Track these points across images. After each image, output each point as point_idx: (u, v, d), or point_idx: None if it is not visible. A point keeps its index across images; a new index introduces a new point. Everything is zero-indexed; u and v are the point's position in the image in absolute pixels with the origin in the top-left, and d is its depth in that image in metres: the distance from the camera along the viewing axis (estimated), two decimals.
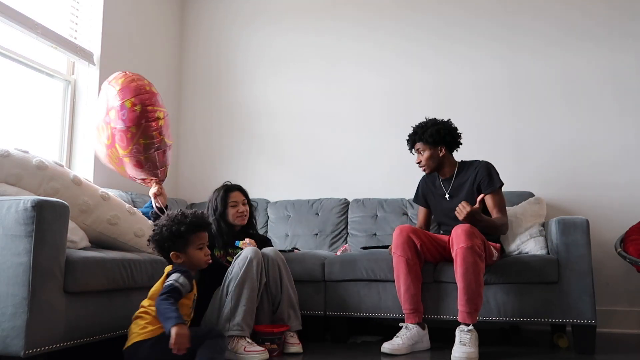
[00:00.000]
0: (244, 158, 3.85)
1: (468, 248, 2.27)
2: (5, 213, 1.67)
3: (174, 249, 1.89)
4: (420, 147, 2.72)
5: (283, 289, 2.48)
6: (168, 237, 1.88)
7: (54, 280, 1.71)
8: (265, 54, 3.93)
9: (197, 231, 1.92)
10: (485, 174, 2.61)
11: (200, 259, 1.93)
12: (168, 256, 1.91)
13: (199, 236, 1.93)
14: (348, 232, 3.35)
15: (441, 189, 2.77)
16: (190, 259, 1.90)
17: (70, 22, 3.16)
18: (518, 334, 2.99)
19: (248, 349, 2.17)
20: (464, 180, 2.68)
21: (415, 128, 2.75)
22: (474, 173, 2.65)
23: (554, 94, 3.36)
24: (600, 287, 3.03)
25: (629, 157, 3.19)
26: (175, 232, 1.87)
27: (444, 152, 2.70)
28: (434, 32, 3.60)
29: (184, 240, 1.89)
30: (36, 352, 1.63)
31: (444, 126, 2.69)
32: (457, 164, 2.75)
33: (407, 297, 2.44)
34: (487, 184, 2.59)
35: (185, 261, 1.90)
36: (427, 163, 2.71)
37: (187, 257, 1.90)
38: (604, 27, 3.31)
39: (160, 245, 1.90)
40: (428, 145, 2.69)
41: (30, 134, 2.95)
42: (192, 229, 1.90)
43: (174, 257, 1.89)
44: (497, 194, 2.58)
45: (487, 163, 2.67)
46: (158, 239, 1.89)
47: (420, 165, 2.74)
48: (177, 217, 1.90)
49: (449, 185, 2.73)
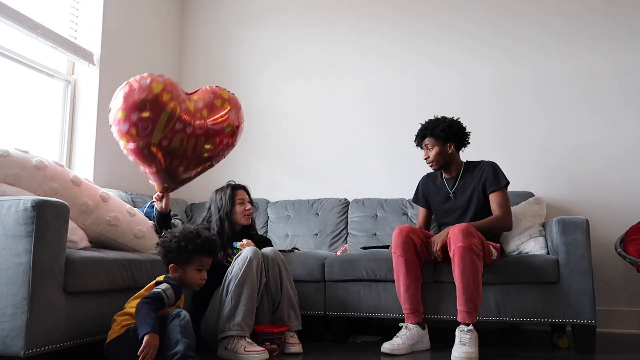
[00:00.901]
0: (244, 158, 3.85)
1: (465, 247, 2.27)
2: (5, 213, 1.67)
3: (175, 262, 1.94)
4: (429, 143, 2.71)
5: (283, 289, 2.48)
6: (174, 248, 1.93)
7: (54, 280, 1.71)
8: (265, 54, 3.93)
9: (203, 254, 1.97)
10: (491, 172, 2.62)
11: (195, 281, 1.97)
12: (167, 265, 1.96)
13: (202, 259, 1.98)
14: (348, 232, 3.35)
15: (444, 187, 2.76)
16: (185, 277, 1.95)
17: (70, 22, 3.16)
18: (518, 334, 2.99)
19: (248, 349, 2.17)
20: (470, 180, 2.68)
21: (426, 123, 2.74)
22: (480, 172, 2.65)
23: (554, 94, 3.35)
24: (600, 287, 3.03)
25: (629, 157, 3.18)
26: (183, 247, 1.93)
27: (453, 150, 2.70)
28: (433, 33, 3.60)
29: (187, 257, 1.94)
30: (36, 352, 1.64)
31: (455, 123, 2.70)
32: (463, 164, 2.75)
33: (406, 297, 2.44)
34: (492, 182, 2.60)
35: (180, 276, 1.95)
36: (436, 159, 2.70)
37: (184, 274, 1.95)
38: (606, 29, 3.31)
39: (165, 253, 1.96)
40: (438, 140, 2.68)
41: (30, 134, 2.95)
42: (199, 251, 1.95)
43: (172, 269, 1.94)
44: (500, 192, 2.59)
45: (493, 162, 2.68)
46: (166, 246, 1.95)
47: (428, 161, 2.72)
48: (190, 234, 1.96)
49: (454, 185, 2.73)
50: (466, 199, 2.67)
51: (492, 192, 2.60)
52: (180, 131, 2.13)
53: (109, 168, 3.23)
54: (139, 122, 2.05)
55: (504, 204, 2.57)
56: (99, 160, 3.16)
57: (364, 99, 3.68)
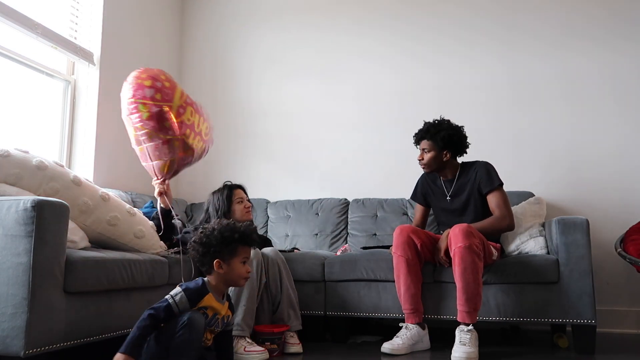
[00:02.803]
0: (244, 158, 3.85)
1: (466, 247, 2.27)
2: (5, 213, 1.67)
3: (220, 257, 1.77)
4: (426, 147, 2.68)
5: (283, 288, 2.48)
6: (219, 242, 1.77)
7: (54, 280, 1.70)
8: (265, 54, 3.93)
9: (247, 244, 1.82)
10: (484, 173, 2.61)
11: (242, 274, 1.80)
12: (209, 263, 1.78)
13: (246, 250, 1.83)
14: (348, 232, 3.35)
15: (442, 189, 2.76)
16: (231, 271, 1.78)
17: (70, 22, 3.16)
18: (518, 334, 2.99)
19: (248, 349, 2.17)
20: (465, 181, 2.68)
21: (429, 126, 2.70)
22: (474, 174, 2.65)
23: (554, 94, 3.36)
24: (600, 287, 3.03)
25: (629, 157, 3.19)
26: (228, 238, 1.77)
27: (449, 157, 2.69)
28: (435, 31, 3.60)
29: (232, 248, 1.78)
30: (36, 352, 1.63)
31: (456, 133, 2.67)
32: (459, 166, 2.75)
33: (407, 297, 2.45)
34: (485, 183, 2.60)
35: (225, 272, 1.78)
36: (429, 163, 2.69)
37: (229, 269, 1.78)
38: (604, 28, 3.31)
39: (206, 250, 1.77)
40: (436, 146, 2.66)
41: (30, 134, 2.95)
42: (244, 241, 1.80)
43: (216, 265, 1.76)
44: (497, 193, 2.58)
45: (486, 163, 2.67)
46: (206, 242, 1.78)
47: (422, 163, 2.72)
48: (230, 225, 1.81)
49: (451, 187, 2.72)
50: (463, 200, 2.67)
51: (488, 193, 2.59)
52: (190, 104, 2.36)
53: (109, 168, 3.23)
54: (163, 88, 2.25)
55: (502, 205, 2.56)
56: (99, 160, 3.16)
57: (364, 99, 3.68)
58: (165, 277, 2.27)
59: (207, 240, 1.78)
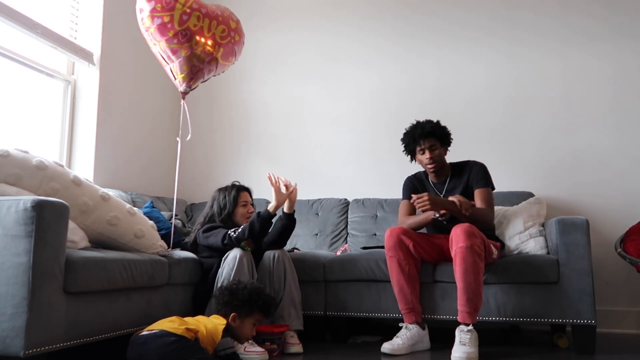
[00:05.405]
0: (245, 158, 3.85)
1: (467, 247, 2.27)
2: (5, 213, 1.67)
3: (237, 311, 2.01)
4: (435, 144, 2.62)
5: (285, 286, 2.49)
6: (245, 299, 2.00)
7: (54, 280, 1.70)
8: (265, 54, 3.93)
9: (262, 311, 2.05)
10: (480, 171, 2.62)
11: (248, 335, 2.05)
12: (227, 312, 2.00)
13: (260, 316, 2.07)
14: (348, 232, 3.35)
15: (433, 190, 2.72)
16: (241, 329, 2.01)
17: (70, 22, 3.16)
18: (518, 334, 2.99)
19: (248, 349, 2.17)
20: (459, 182, 2.66)
21: (434, 127, 2.64)
22: (468, 172, 2.65)
23: (554, 94, 3.36)
24: (600, 287, 3.02)
25: (629, 157, 3.18)
26: (253, 300, 2.01)
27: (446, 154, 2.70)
28: (434, 32, 3.60)
29: (250, 310, 2.01)
30: (36, 352, 1.63)
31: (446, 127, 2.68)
32: (450, 167, 2.73)
33: (401, 297, 2.45)
34: (478, 180, 2.60)
35: (237, 327, 2.00)
36: (438, 160, 2.64)
37: (241, 325, 2.01)
38: (606, 28, 3.32)
39: (229, 300, 2.01)
40: (444, 144, 2.66)
41: (30, 134, 2.95)
42: (263, 308, 2.04)
43: (232, 318, 2.00)
44: (487, 190, 2.58)
45: (482, 164, 2.67)
46: (234, 293, 2.02)
47: (432, 161, 2.62)
48: (258, 291, 2.05)
49: (443, 187, 2.70)
50: None
51: (478, 189, 2.58)
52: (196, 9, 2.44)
53: (109, 168, 3.23)
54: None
55: (488, 201, 2.56)
56: (99, 160, 3.16)
57: (365, 99, 3.68)
58: (165, 277, 2.27)
59: (236, 292, 2.02)
